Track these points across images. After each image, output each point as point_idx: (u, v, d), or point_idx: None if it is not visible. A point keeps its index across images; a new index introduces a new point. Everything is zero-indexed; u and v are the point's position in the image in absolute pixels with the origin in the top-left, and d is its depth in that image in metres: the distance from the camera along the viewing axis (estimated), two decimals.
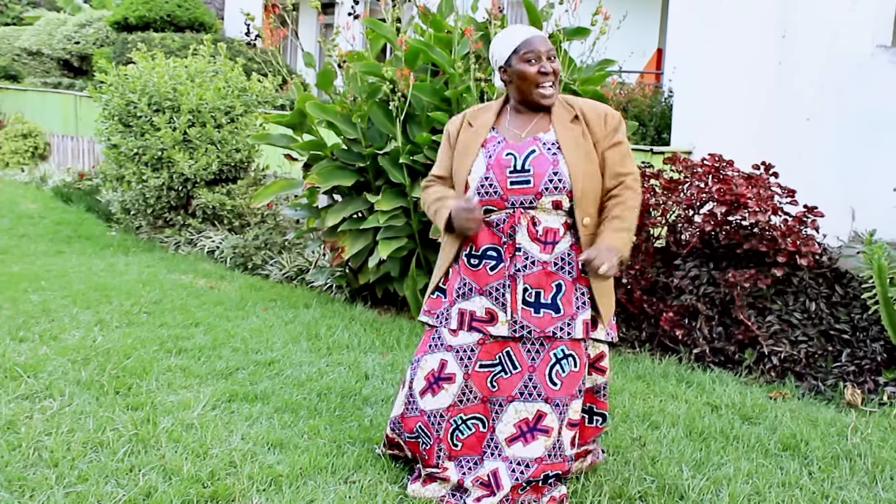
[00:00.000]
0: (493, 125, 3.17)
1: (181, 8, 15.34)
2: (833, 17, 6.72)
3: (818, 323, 4.91)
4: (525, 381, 3.07)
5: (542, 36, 3.08)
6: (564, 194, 3.00)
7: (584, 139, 3.05)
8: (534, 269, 3.04)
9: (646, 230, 5.35)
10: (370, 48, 5.94)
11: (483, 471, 3.10)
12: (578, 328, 3.05)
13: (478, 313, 3.10)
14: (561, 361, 3.05)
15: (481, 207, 3.05)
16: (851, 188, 6.47)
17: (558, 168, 2.99)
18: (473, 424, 3.14)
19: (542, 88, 3.05)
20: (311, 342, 5.10)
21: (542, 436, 3.06)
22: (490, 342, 3.10)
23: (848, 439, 3.89)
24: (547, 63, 3.03)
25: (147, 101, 8.17)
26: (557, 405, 3.05)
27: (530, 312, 3.04)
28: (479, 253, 3.11)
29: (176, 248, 8.14)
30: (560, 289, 3.04)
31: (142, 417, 3.77)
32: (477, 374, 3.10)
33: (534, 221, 3.04)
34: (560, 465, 3.08)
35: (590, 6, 5.68)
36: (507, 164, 3.03)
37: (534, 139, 3.07)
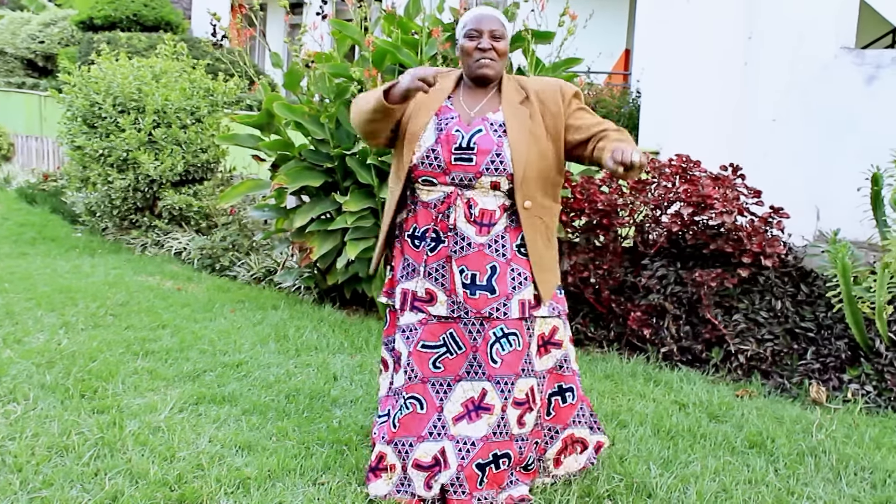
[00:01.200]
0: (450, 94, 3.19)
1: (147, 7, 15.20)
2: (798, 19, 6.79)
3: (784, 321, 4.96)
4: (470, 361, 3.10)
5: (492, 16, 3.13)
6: (504, 176, 3.04)
7: (531, 120, 3.09)
8: (470, 251, 3.08)
9: (613, 230, 5.37)
10: (337, 49, 5.92)
11: (421, 453, 3.12)
12: (514, 308, 3.08)
13: (418, 293, 3.14)
14: (500, 340, 3.08)
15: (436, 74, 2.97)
16: (816, 188, 6.54)
17: (501, 150, 3.03)
18: (411, 404, 3.15)
19: (477, 63, 3.11)
20: (280, 343, 5.07)
21: (484, 413, 3.09)
22: (432, 322, 3.12)
23: (813, 436, 3.93)
24: (487, 40, 3.09)
25: (112, 102, 8.09)
26: (498, 382, 3.08)
27: (467, 294, 3.08)
28: (420, 234, 3.15)
29: (142, 250, 8.08)
30: (494, 270, 3.08)
31: (108, 421, 3.73)
32: (418, 354, 3.12)
33: (470, 204, 3.07)
34: (507, 444, 3.10)
35: (557, 6, 5.70)
36: (454, 140, 3.06)
37: (482, 119, 3.10)
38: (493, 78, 3.15)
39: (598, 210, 5.28)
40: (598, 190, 5.37)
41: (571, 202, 5.39)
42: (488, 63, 3.10)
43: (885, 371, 4.47)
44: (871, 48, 9.31)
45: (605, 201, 5.26)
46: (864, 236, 5.37)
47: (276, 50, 15.41)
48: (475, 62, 3.11)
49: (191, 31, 17.40)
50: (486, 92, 3.18)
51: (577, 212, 5.43)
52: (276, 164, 6.01)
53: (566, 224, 5.49)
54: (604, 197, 5.28)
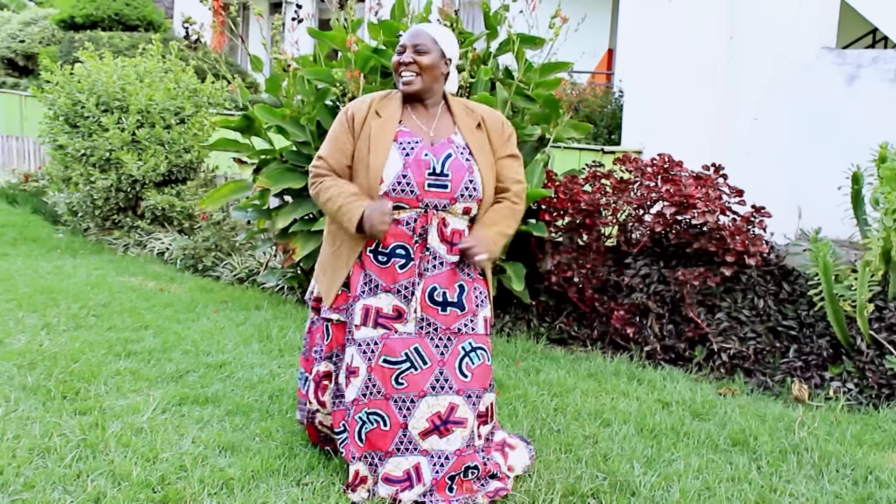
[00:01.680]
0: (400, 119, 3.18)
1: (129, 6, 15.12)
2: (779, 19, 6.83)
3: (766, 320, 4.99)
4: (436, 376, 3.10)
5: (419, 32, 3.17)
6: (475, 202, 3.13)
7: (488, 147, 3.19)
8: (442, 269, 3.12)
9: (597, 230, 5.39)
10: (319, 51, 5.90)
11: (391, 467, 3.12)
12: (480, 324, 3.18)
13: (384, 310, 3.13)
14: (470, 354, 3.13)
15: (392, 211, 3.04)
16: (798, 187, 6.58)
17: (473, 176, 3.10)
18: (375, 420, 3.14)
19: (399, 77, 3.15)
20: (263, 344, 5.06)
21: (457, 427, 3.11)
22: (394, 338, 3.12)
23: (795, 434, 3.95)
24: (409, 54, 3.12)
25: (95, 102, 8.05)
26: (469, 396, 3.11)
27: (437, 311, 3.11)
28: (388, 251, 3.12)
29: (125, 250, 8.04)
30: (463, 289, 3.15)
31: (90, 422, 3.71)
32: (381, 369, 3.12)
33: (444, 223, 3.11)
34: (473, 457, 3.14)
35: (547, 7, 5.71)
36: (426, 164, 3.06)
37: (448, 141, 3.12)
38: (418, 94, 3.15)
39: (582, 210, 5.29)
40: (582, 189, 5.39)
41: (555, 202, 5.40)
42: (409, 78, 3.12)
43: (867, 369, 4.50)
44: (851, 48, 9.36)
45: (589, 201, 5.27)
46: (845, 235, 5.40)
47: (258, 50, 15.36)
48: (398, 76, 3.16)
49: (173, 31, 17.32)
50: (433, 110, 3.21)
51: (560, 211, 5.44)
52: (259, 167, 5.99)
53: (549, 224, 5.50)
54: (587, 196, 5.29)
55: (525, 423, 3.94)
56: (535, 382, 4.52)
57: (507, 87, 5.46)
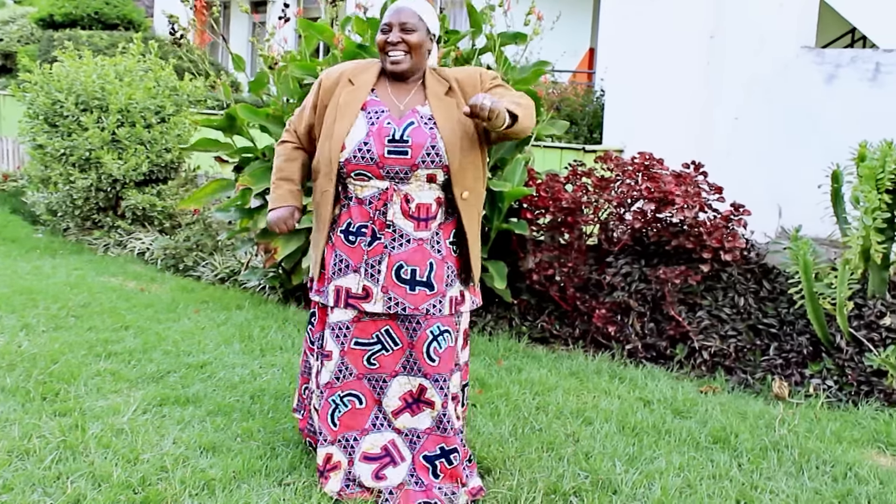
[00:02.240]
0: (374, 87, 3.15)
1: (109, 5, 15.04)
2: (759, 19, 6.86)
3: (747, 318, 5.01)
4: (406, 357, 3.13)
5: (403, 9, 3.08)
6: (440, 168, 3.03)
7: (458, 110, 3.06)
8: (409, 246, 3.07)
9: (578, 228, 5.40)
10: (304, 47, 5.89)
11: (368, 445, 3.15)
12: (446, 305, 3.11)
13: (353, 290, 3.12)
14: (437, 338, 3.10)
15: (295, 221, 3.18)
16: (778, 186, 6.62)
17: (436, 142, 3.01)
18: (350, 401, 3.16)
19: (388, 56, 3.08)
20: (244, 344, 5.04)
21: (427, 408, 3.14)
22: (365, 320, 3.12)
23: (776, 431, 3.97)
24: (396, 34, 3.05)
25: (74, 101, 8.00)
26: (437, 380, 3.11)
27: (405, 290, 3.07)
28: (355, 230, 3.11)
29: (105, 251, 7.99)
30: (432, 267, 3.09)
31: (70, 424, 3.68)
32: (352, 352, 3.13)
33: (407, 199, 3.05)
34: (452, 440, 3.14)
35: (524, 6, 5.72)
36: (386, 132, 3.02)
37: (412, 111, 3.08)
38: (406, 73, 3.10)
39: (563, 208, 5.30)
40: (563, 188, 5.40)
41: (536, 200, 5.40)
42: (397, 58, 3.06)
43: (846, 366, 4.53)
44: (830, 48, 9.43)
45: (570, 199, 5.28)
46: (825, 233, 5.44)
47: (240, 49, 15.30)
48: (386, 56, 3.08)
49: (153, 30, 17.24)
50: (411, 86, 3.14)
51: (541, 210, 5.45)
52: (241, 165, 5.97)
53: (531, 222, 5.50)
54: (568, 195, 5.30)
55: (507, 421, 3.94)
56: (516, 381, 4.52)
57: None
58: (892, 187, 4.69)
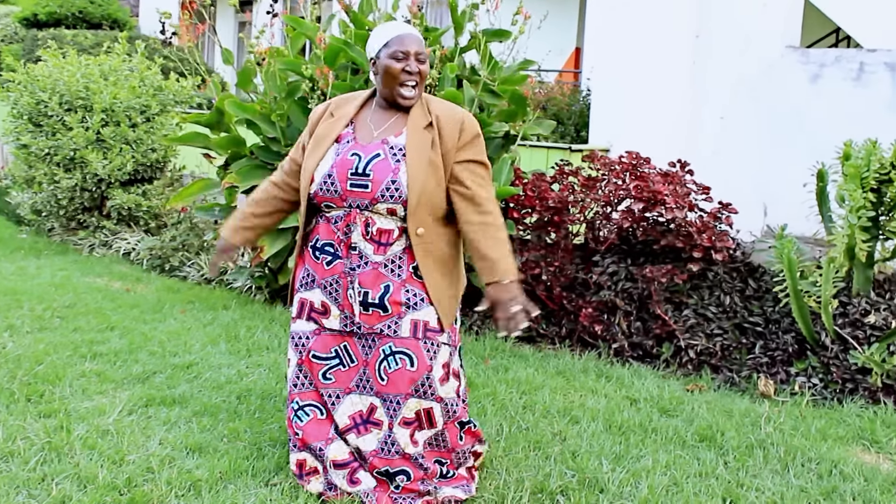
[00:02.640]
0: (353, 119, 3.14)
1: (94, 4, 14.98)
2: (745, 19, 6.88)
3: (733, 316, 5.03)
4: (360, 375, 3.12)
5: (417, 36, 3.06)
6: (399, 203, 2.96)
7: (432, 148, 3.00)
8: (366, 268, 3.03)
9: (565, 227, 5.40)
10: (290, 46, 5.88)
11: (333, 453, 3.14)
12: (405, 327, 3.03)
13: (315, 304, 3.13)
14: (388, 358, 3.05)
15: (232, 255, 3.40)
16: (764, 184, 6.64)
17: (397, 177, 2.95)
18: (311, 411, 3.17)
19: (404, 88, 3.02)
20: (231, 344, 5.03)
21: (374, 428, 3.12)
22: (325, 334, 3.12)
23: (761, 429, 3.98)
24: (414, 63, 3.01)
25: (58, 100, 7.96)
26: (386, 400, 3.08)
27: (358, 310, 3.05)
28: (320, 247, 3.12)
29: (90, 251, 7.95)
30: (388, 290, 3.03)
31: (55, 425, 3.67)
32: (310, 363, 3.13)
33: (367, 223, 3.01)
34: (401, 462, 3.09)
35: (511, 6, 5.72)
36: (349, 164, 3.00)
37: (382, 142, 3.03)
38: (413, 105, 3.07)
39: (550, 207, 5.31)
40: (549, 187, 5.40)
41: (523, 199, 5.41)
42: (413, 92, 3.03)
43: (831, 364, 4.55)
44: (815, 47, 9.47)
45: (556, 198, 5.29)
46: (810, 231, 5.46)
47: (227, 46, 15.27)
48: (400, 86, 3.02)
49: (138, 29, 17.17)
50: (396, 112, 3.10)
51: (528, 209, 5.45)
52: (227, 163, 5.95)
53: (517, 221, 5.51)
54: (554, 194, 5.31)
55: (494, 420, 3.94)
56: (503, 380, 4.53)
57: (473, 85, 5.47)
58: (876, 186, 4.71)
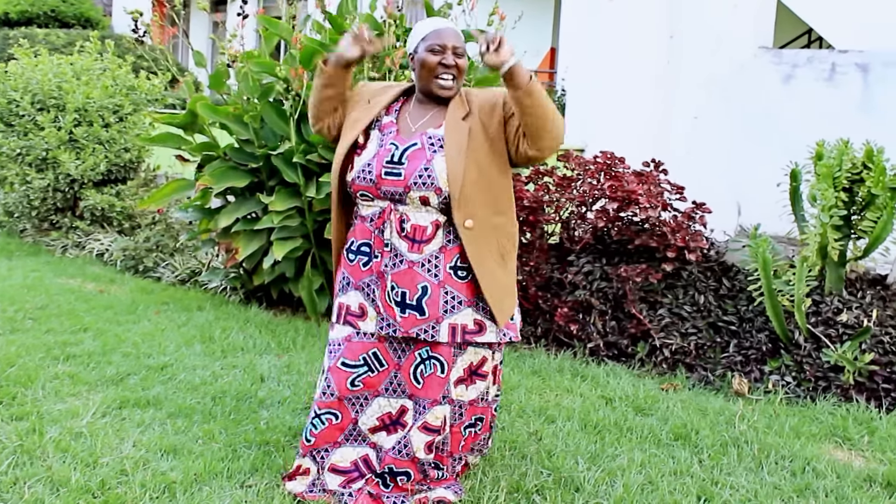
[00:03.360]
0: (393, 108, 3.16)
1: (66, 3, 14.86)
2: (717, 19, 6.93)
3: (707, 315, 5.06)
4: (391, 378, 3.11)
5: (455, 31, 3.07)
6: (432, 191, 2.94)
7: (470, 136, 2.99)
8: (401, 266, 3.02)
9: (540, 227, 5.42)
10: (264, 46, 5.85)
11: (337, 457, 3.14)
12: (443, 332, 3.01)
13: (352, 308, 3.12)
14: (425, 362, 3.06)
15: (369, 38, 3.00)
16: (738, 184, 6.69)
17: (430, 164, 2.95)
18: (327, 419, 3.14)
19: (441, 80, 3.03)
20: (206, 345, 5.00)
21: (400, 430, 3.12)
22: (355, 341, 3.09)
23: (736, 427, 4.01)
24: (451, 56, 3.01)
25: (30, 100, 7.89)
26: (418, 403, 3.09)
27: (396, 312, 3.02)
28: (356, 248, 3.12)
29: (63, 252, 7.88)
30: (426, 291, 3.00)
31: (27, 428, 3.63)
32: (337, 371, 3.09)
33: (402, 219, 3.01)
34: (406, 465, 3.09)
35: (486, 6, 5.73)
36: (386, 154, 3.02)
37: (421, 134, 3.05)
38: (452, 97, 3.07)
39: (525, 207, 5.32)
40: (524, 187, 5.41)
41: None
42: (450, 82, 3.03)
43: (804, 362, 4.59)
44: (787, 48, 9.54)
45: (531, 198, 5.30)
46: (783, 231, 5.50)
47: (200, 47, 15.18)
48: (436, 78, 3.02)
49: (111, 28, 17.05)
50: (436, 106, 3.10)
51: None
52: (201, 165, 5.92)
53: None
54: (530, 194, 5.32)
55: None
56: None
57: None
58: (848, 185, 4.76)
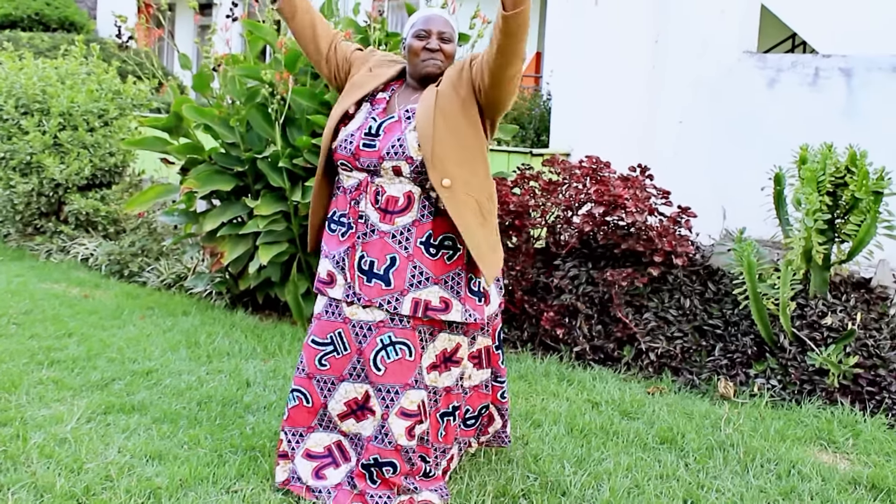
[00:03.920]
0: (391, 86, 3.25)
1: (50, 6, 14.80)
2: (701, 25, 6.96)
3: (692, 319, 5.07)
4: (353, 363, 3.13)
5: (443, 18, 3.18)
6: (403, 160, 3.01)
7: (439, 97, 3.05)
8: (373, 237, 3.08)
9: (526, 231, 5.42)
10: (249, 50, 5.85)
11: (312, 443, 3.18)
12: (406, 305, 3.04)
13: (321, 275, 3.18)
14: (387, 348, 3.08)
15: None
16: (723, 188, 6.71)
17: (403, 134, 3.03)
18: (297, 397, 3.19)
19: (425, 62, 3.14)
20: (191, 350, 4.98)
21: (370, 415, 3.13)
22: (324, 319, 3.15)
23: (721, 430, 4.02)
24: (435, 41, 3.13)
25: (14, 104, 7.85)
26: (380, 390, 3.09)
27: (363, 280, 3.07)
28: (337, 218, 3.19)
29: (47, 256, 7.84)
30: (393, 262, 3.06)
31: (10, 433, 3.61)
32: (308, 348, 3.16)
33: (377, 191, 3.07)
34: (391, 454, 3.08)
35: (469, 9, 5.73)
36: (366, 126, 3.11)
37: (400, 110, 3.14)
38: (437, 76, 3.16)
39: (510, 211, 5.32)
40: (510, 192, 5.42)
41: None
42: (436, 64, 3.14)
43: (789, 365, 4.61)
44: (772, 52, 9.59)
45: (517, 203, 5.31)
46: (768, 234, 5.52)
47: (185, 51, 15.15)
48: (422, 62, 3.14)
49: (97, 32, 16.99)
50: (421, 88, 3.20)
51: None
52: (186, 168, 5.90)
53: None
54: (516, 199, 5.33)
55: None
56: None
57: None
58: (832, 189, 4.78)
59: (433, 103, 3.04)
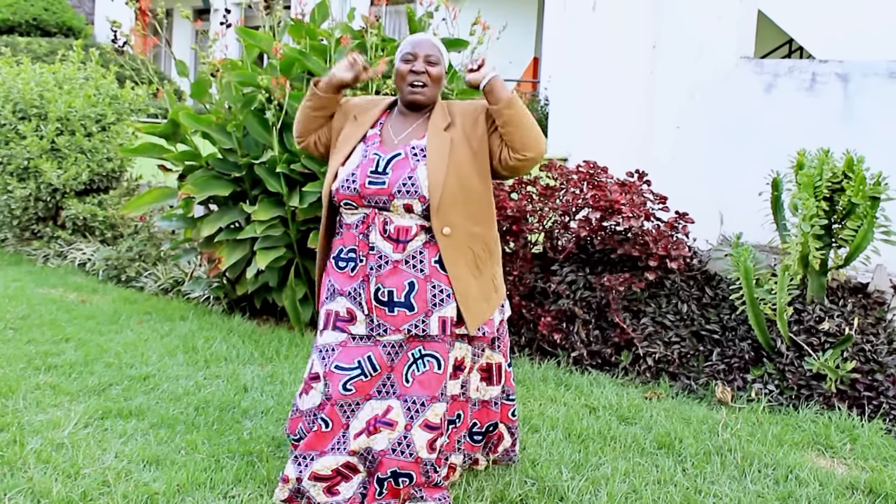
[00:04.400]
0: (378, 121, 3.24)
1: (48, 12, 14.80)
2: (698, 30, 6.97)
3: (690, 324, 5.07)
4: (382, 381, 3.12)
5: (430, 42, 3.19)
6: (416, 199, 3.02)
7: (453, 145, 3.10)
8: (386, 267, 3.08)
9: (523, 236, 5.42)
10: (246, 56, 5.85)
11: (319, 466, 3.12)
12: (433, 325, 3.07)
13: (341, 313, 3.15)
14: (417, 361, 3.09)
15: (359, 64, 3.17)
16: (720, 193, 6.72)
17: (414, 173, 3.04)
18: (317, 424, 3.15)
19: (412, 86, 3.14)
20: (188, 355, 4.98)
21: (385, 428, 3.10)
22: (351, 345, 3.12)
23: (719, 435, 4.02)
24: (421, 63, 3.13)
25: (11, 109, 7.85)
26: (406, 401, 3.09)
27: (385, 311, 3.07)
28: (345, 256, 3.16)
29: (45, 261, 7.84)
30: (413, 287, 3.07)
31: (7, 439, 3.61)
32: (331, 374, 3.11)
33: (386, 222, 3.07)
34: (411, 466, 3.08)
35: (469, 16, 5.75)
36: (370, 164, 3.09)
37: (405, 145, 3.13)
38: (424, 104, 3.17)
39: (508, 216, 5.32)
40: (508, 197, 5.42)
41: None
42: (420, 89, 3.14)
43: (787, 370, 4.61)
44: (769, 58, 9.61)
45: (515, 208, 5.31)
46: (765, 239, 5.53)
47: (183, 56, 15.15)
48: (408, 85, 3.14)
49: (94, 37, 16.99)
50: (417, 118, 3.20)
51: None
52: (184, 174, 5.90)
53: None
54: (513, 203, 5.33)
55: None
56: None
57: None
58: (829, 195, 4.79)
59: (448, 150, 3.07)
